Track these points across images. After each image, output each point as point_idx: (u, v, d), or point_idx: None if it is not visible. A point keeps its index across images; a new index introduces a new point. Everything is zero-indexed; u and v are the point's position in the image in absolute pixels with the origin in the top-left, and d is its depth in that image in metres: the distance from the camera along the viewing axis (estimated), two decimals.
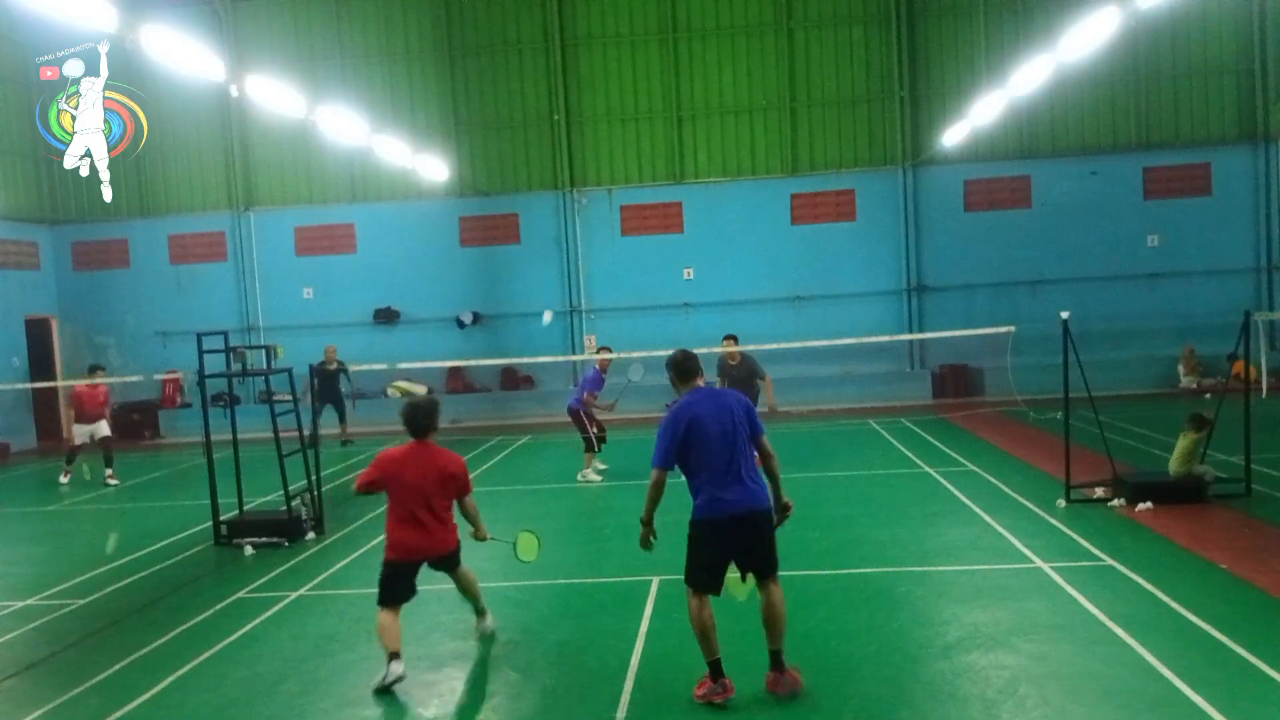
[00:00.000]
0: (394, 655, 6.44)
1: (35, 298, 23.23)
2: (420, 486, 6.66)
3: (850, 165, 22.55)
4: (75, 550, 11.39)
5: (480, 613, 7.46)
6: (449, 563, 7.05)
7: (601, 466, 14.10)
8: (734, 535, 5.91)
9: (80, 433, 16.03)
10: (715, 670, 5.93)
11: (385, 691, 6.37)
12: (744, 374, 13.32)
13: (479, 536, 7.30)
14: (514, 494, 12.81)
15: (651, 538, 6.24)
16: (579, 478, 13.74)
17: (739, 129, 22.78)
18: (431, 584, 8.93)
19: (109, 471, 15.73)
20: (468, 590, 7.32)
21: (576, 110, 22.97)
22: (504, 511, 11.75)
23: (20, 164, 22.84)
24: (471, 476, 7.13)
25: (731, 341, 13.93)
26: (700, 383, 6.27)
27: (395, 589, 6.66)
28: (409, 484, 6.65)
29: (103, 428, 15.99)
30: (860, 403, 21.31)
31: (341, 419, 19.17)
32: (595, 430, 13.94)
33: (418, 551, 6.77)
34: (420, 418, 6.80)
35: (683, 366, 6.29)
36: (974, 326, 19.22)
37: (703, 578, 6.00)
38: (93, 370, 16.79)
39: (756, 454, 6.19)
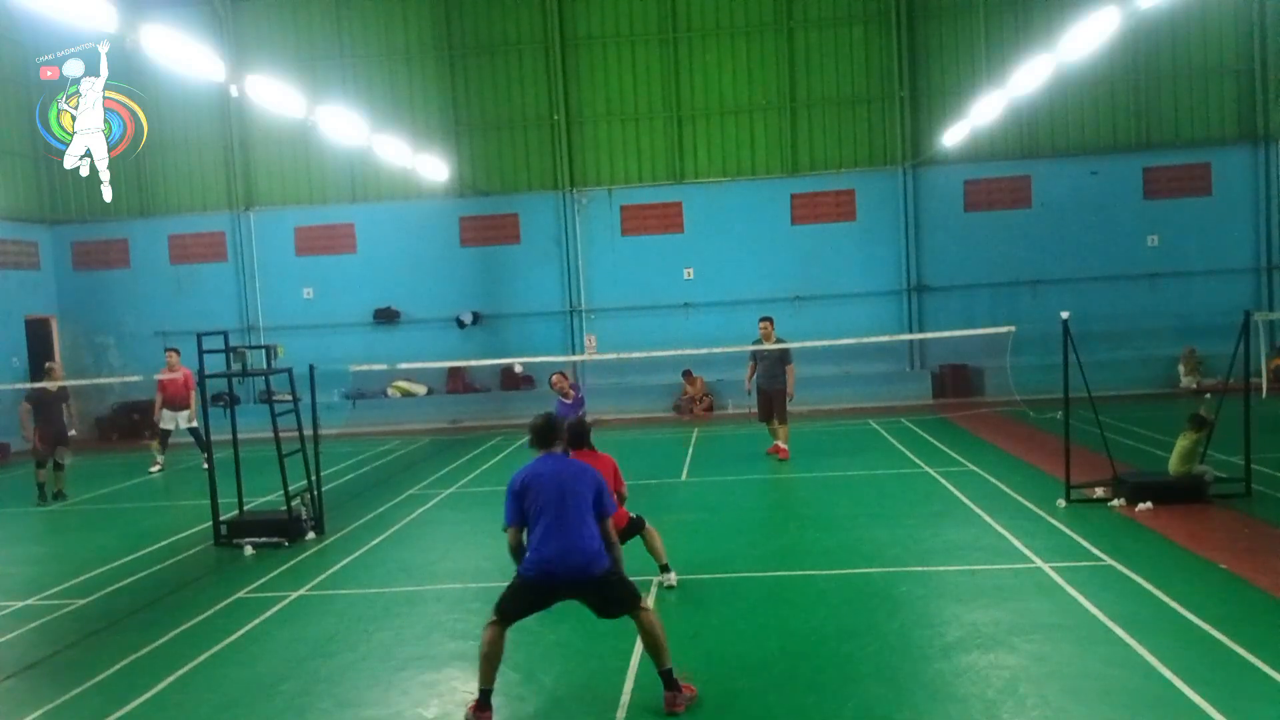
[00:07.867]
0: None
1: (35, 298, 23.21)
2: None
3: (850, 165, 22.54)
4: (75, 550, 11.37)
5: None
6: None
7: None
8: (555, 591, 5.97)
9: (167, 419, 16.55)
10: (484, 699, 5.82)
11: None
12: (775, 355, 14.41)
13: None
14: None
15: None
16: None
17: (739, 129, 22.76)
18: (432, 584, 8.98)
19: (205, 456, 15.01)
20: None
21: (576, 110, 22.96)
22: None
23: (20, 164, 22.82)
24: (473, 476, 7.14)
25: (767, 323, 14.59)
26: (558, 449, 6.19)
27: None
28: None
29: (186, 416, 16.47)
30: (860, 403, 21.30)
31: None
32: None
33: None
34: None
35: (541, 432, 6.16)
36: (974, 326, 19.17)
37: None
38: (169, 354, 17.06)
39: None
